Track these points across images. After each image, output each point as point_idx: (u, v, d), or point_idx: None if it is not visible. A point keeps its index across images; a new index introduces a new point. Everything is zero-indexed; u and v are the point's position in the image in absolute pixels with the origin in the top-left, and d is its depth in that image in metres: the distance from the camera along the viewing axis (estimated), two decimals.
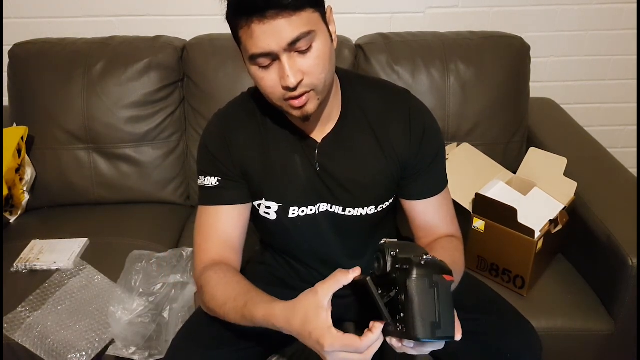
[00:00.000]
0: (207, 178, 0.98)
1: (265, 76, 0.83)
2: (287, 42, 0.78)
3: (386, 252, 0.73)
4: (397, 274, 0.70)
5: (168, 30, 1.70)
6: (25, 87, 1.57)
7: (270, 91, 0.84)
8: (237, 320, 0.87)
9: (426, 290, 0.68)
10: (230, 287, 0.89)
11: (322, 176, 0.97)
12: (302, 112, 0.85)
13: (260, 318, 0.81)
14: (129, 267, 1.25)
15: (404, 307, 0.68)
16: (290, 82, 0.80)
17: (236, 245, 0.99)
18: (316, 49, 0.82)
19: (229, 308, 0.87)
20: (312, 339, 0.74)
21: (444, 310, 0.68)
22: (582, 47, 1.91)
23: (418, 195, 1.01)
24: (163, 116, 1.59)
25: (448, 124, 1.58)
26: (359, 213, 0.99)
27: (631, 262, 1.17)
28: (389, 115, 0.97)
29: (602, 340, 1.24)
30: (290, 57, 0.80)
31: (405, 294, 0.68)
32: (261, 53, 0.80)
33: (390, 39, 1.64)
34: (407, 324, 0.68)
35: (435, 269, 0.69)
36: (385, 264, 0.73)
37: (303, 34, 0.79)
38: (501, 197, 1.27)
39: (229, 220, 0.98)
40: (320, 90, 0.85)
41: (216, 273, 0.92)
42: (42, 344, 1.12)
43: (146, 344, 1.13)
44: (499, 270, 1.29)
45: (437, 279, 0.68)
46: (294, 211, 0.98)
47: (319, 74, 0.83)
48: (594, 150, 1.59)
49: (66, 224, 1.50)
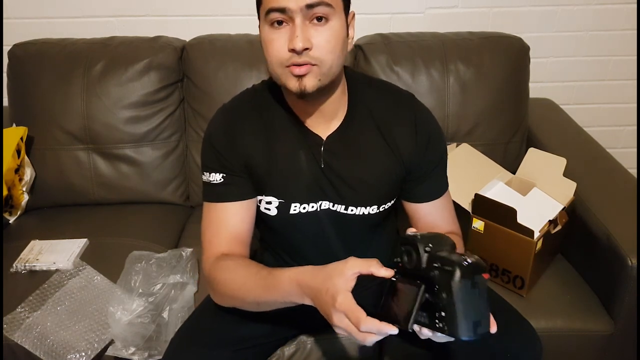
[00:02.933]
0: (212, 174, 0.97)
1: (275, 38, 0.84)
2: (306, 2, 0.80)
3: (419, 247, 0.73)
4: (436, 272, 0.71)
5: (168, 31, 1.70)
6: (25, 87, 1.57)
7: (275, 54, 0.84)
8: (258, 294, 0.87)
9: (470, 291, 0.69)
10: (252, 265, 0.91)
11: (327, 173, 0.97)
12: (300, 85, 0.85)
13: (286, 279, 0.82)
14: (129, 267, 1.25)
15: (445, 307, 0.69)
16: (297, 45, 0.81)
17: (245, 239, 0.99)
18: (331, 26, 0.83)
19: (252, 284, 0.88)
20: (328, 295, 0.75)
21: (483, 308, 0.70)
22: (582, 47, 1.91)
23: (422, 198, 1.02)
24: (163, 116, 1.59)
25: (447, 124, 1.58)
26: (361, 212, 0.99)
27: (631, 262, 1.17)
28: (396, 118, 0.97)
29: (602, 340, 1.24)
30: (304, 23, 0.82)
31: (448, 294, 0.68)
32: (277, 7, 0.81)
33: (390, 39, 1.64)
34: (449, 324, 0.69)
35: (476, 269, 0.70)
36: (419, 259, 0.73)
37: (324, 1, 0.81)
38: (500, 198, 1.27)
39: (237, 215, 0.98)
40: (325, 71, 0.85)
41: (233, 260, 0.93)
42: (42, 344, 1.12)
43: (146, 345, 1.13)
44: (499, 271, 1.29)
45: (478, 279, 0.69)
46: (295, 207, 0.98)
47: (327, 52, 0.84)
48: (594, 151, 1.59)
49: (66, 224, 1.50)
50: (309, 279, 0.80)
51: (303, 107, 0.94)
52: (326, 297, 0.75)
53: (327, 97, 0.93)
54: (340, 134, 0.97)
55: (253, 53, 1.57)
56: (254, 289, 0.88)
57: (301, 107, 0.95)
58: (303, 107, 0.95)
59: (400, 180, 1.00)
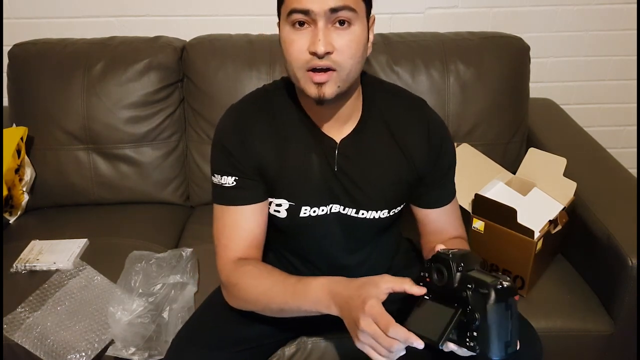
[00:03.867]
0: (224, 177, 0.95)
1: (296, 39, 0.82)
2: (330, 6, 0.79)
3: (452, 266, 0.75)
4: (469, 293, 0.72)
5: (168, 31, 1.70)
6: (25, 87, 1.57)
7: (296, 56, 0.83)
8: (283, 301, 0.88)
9: (503, 314, 0.71)
10: (276, 272, 0.92)
11: (339, 177, 0.97)
12: (319, 92, 0.84)
13: (318, 286, 0.84)
14: (129, 267, 1.25)
15: (478, 328, 0.71)
16: (319, 48, 0.80)
17: (260, 243, 0.99)
18: (353, 31, 0.83)
19: (278, 290, 0.88)
20: (359, 299, 0.77)
21: (514, 328, 0.72)
22: (582, 47, 1.91)
23: (433, 204, 1.03)
24: (163, 116, 1.59)
25: (448, 124, 1.58)
26: (371, 216, 0.99)
27: (631, 262, 1.17)
28: (409, 124, 0.97)
29: (602, 340, 1.24)
30: (327, 27, 0.81)
31: (482, 316, 0.71)
32: (301, 9, 0.80)
33: (390, 39, 1.64)
34: (481, 344, 0.71)
35: (510, 292, 0.72)
36: (450, 278, 0.75)
37: (348, 6, 0.80)
38: (501, 198, 1.27)
39: (251, 218, 0.97)
40: (344, 76, 0.85)
41: (255, 266, 0.93)
42: (42, 344, 1.12)
43: (146, 345, 1.13)
44: (499, 271, 1.29)
45: (512, 302, 0.72)
46: (305, 211, 0.98)
47: (348, 57, 0.83)
48: (594, 151, 1.59)
49: (66, 224, 1.50)
50: (342, 288, 0.82)
51: (318, 110, 0.93)
52: (357, 301, 0.77)
53: (344, 101, 0.92)
54: (354, 137, 0.96)
55: (253, 53, 1.57)
56: (280, 295, 0.88)
57: (316, 110, 0.94)
58: (318, 111, 0.94)
59: (411, 185, 1.00)
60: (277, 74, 1.54)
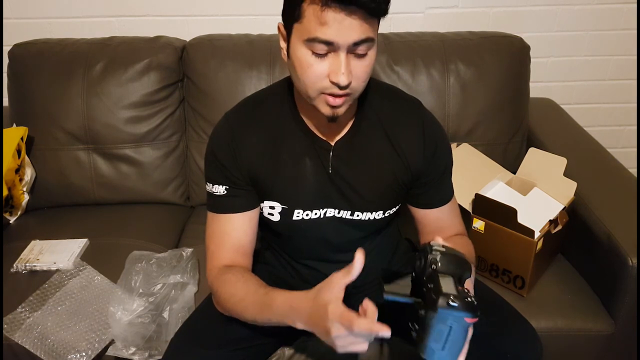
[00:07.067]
0: (215, 186, 0.97)
1: (315, 64, 0.81)
2: (354, 40, 0.79)
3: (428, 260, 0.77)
4: (427, 293, 0.75)
5: (168, 31, 1.70)
6: (25, 87, 1.57)
7: (314, 80, 0.82)
8: (254, 312, 0.89)
9: (441, 328, 0.73)
10: (251, 282, 0.92)
11: (334, 179, 0.97)
12: (334, 112, 0.85)
13: (281, 301, 0.85)
14: (129, 267, 1.25)
15: (420, 323, 0.74)
16: (342, 81, 0.80)
17: (248, 250, 1.00)
18: (370, 56, 0.83)
19: (249, 301, 0.89)
20: (321, 309, 0.77)
21: (451, 345, 0.74)
22: (582, 47, 1.91)
23: (431, 204, 1.03)
24: (163, 116, 1.59)
25: (448, 124, 1.58)
26: (367, 217, 1.00)
27: (631, 262, 1.17)
28: (403, 124, 0.97)
29: (602, 340, 1.24)
30: (347, 56, 0.80)
31: (425, 316, 0.73)
32: (325, 40, 0.78)
33: (390, 39, 1.64)
34: (417, 338, 0.75)
35: (459, 312, 0.72)
36: (423, 271, 0.77)
37: (368, 38, 0.80)
38: (501, 198, 1.27)
39: (240, 227, 0.98)
40: (355, 97, 0.87)
41: (234, 274, 0.94)
42: (42, 344, 1.12)
43: (146, 345, 1.13)
44: (499, 271, 1.29)
45: (454, 321, 0.73)
46: (298, 214, 0.98)
47: (362, 81, 0.84)
48: (594, 151, 1.59)
49: (66, 224, 1.50)
50: (300, 301, 0.82)
51: (315, 115, 0.93)
52: (320, 311, 0.77)
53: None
54: (348, 139, 0.96)
55: (253, 53, 1.57)
56: (251, 305, 0.89)
57: (313, 115, 0.94)
58: (315, 116, 0.93)
59: (407, 186, 1.00)
60: (277, 74, 1.54)
